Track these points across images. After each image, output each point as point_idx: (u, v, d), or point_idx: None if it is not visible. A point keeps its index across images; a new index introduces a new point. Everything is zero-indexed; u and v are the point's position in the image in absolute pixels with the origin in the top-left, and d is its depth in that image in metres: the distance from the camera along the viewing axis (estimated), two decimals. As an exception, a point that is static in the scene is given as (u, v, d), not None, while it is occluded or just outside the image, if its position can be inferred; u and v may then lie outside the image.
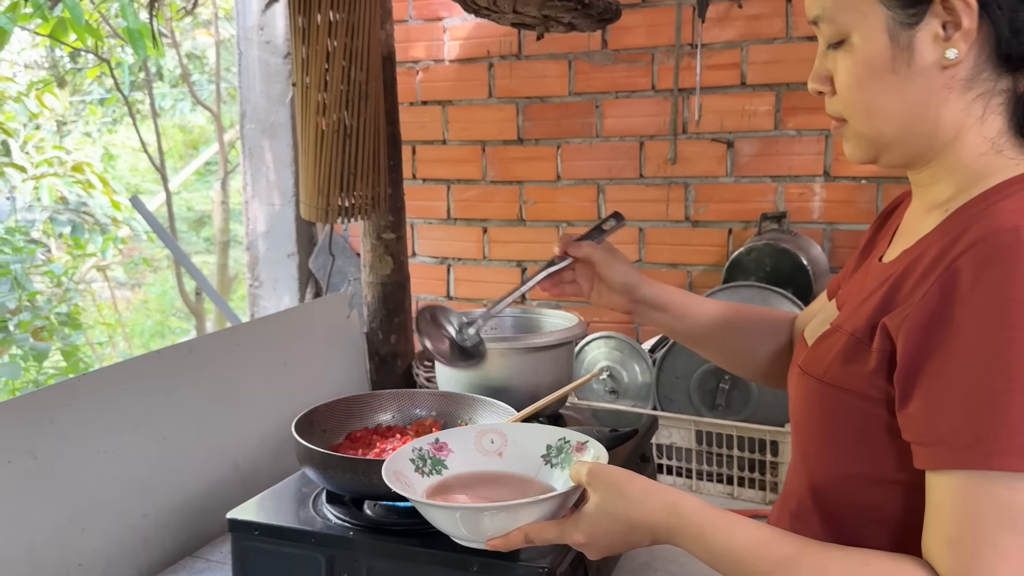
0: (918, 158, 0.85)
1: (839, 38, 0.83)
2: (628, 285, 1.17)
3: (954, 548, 0.70)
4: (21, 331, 3.40)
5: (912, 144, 0.83)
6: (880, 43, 0.80)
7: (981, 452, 0.68)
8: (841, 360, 0.82)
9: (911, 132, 0.82)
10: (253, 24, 2.84)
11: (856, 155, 0.87)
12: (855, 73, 0.83)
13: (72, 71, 6.30)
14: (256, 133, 2.88)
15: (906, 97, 0.81)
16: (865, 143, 0.86)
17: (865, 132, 0.85)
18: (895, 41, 0.80)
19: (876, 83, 0.81)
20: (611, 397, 1.96)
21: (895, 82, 0.80)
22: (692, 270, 2.42)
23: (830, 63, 0.85)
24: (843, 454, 0.83)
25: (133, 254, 6.33)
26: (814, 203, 2.28)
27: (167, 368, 1.46)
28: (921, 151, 0.84)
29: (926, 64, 0.79)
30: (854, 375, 0.80)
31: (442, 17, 2.61)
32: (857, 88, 0.83)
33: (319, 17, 1.70)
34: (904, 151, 0.84)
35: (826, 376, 0.83)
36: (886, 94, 0.81)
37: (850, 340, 0.81)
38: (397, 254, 2.10)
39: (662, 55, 2.37)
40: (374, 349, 2.09)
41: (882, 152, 0.85)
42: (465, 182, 2.66)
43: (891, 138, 0.83)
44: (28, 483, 1.21)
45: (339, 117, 1.73)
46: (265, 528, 1.19)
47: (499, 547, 0.91)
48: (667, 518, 0.84)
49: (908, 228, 0.89)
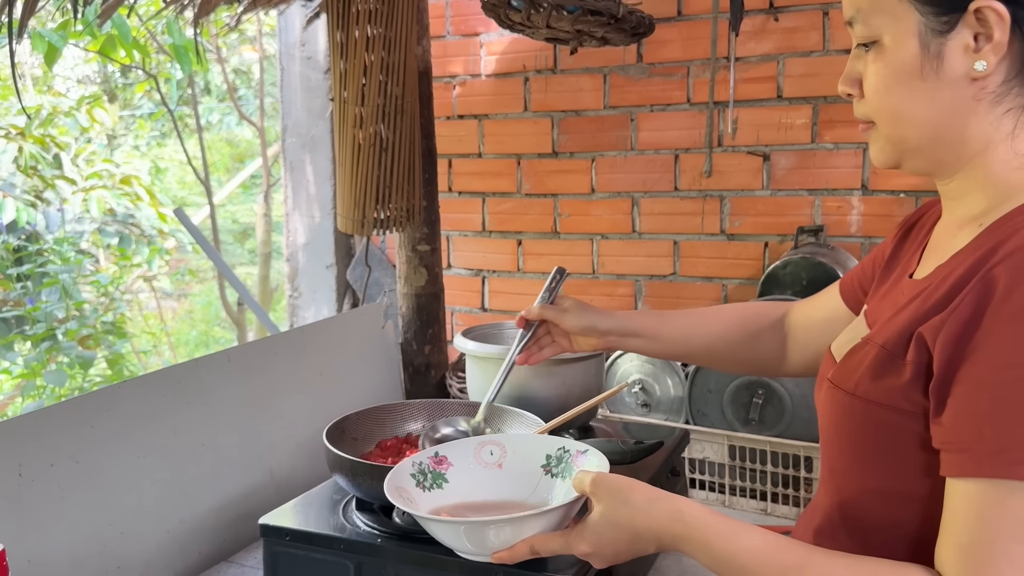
0: (943, 167, 0.85)
1: (870, 39, 0.83)
2: (588, 326, 1.23)
3: (966, 555, 0.70)
4: (68, 339, 3.49)
5: (937, 152, 0.83)
6: (910, 49, 0.80)
7: (1003, 461, 0.68)
8: (872, 373, 0.81)
9: (936, 140, 0.82)
10: (295, 40, 2.90)
11: (880, 159, 0.88)
12: (883, 77, 0.83)
13: (123, 87, 6.46)
14: (297, 147, 2.94)
15: (933, 105, 0.81)
16: (889, 147, 0.86)
17: (890, 136, 0.85)
18: (925, 48, 0.79)
19: (903, 88, 0.81)
20: (643, 410, 1.96)
21: (922, 89, 0.80)
22: (727, 283, 2.41)
23: (861, 65, 0.86)
24: (873, 468, 0.83)
25: (179, 265, 6.45)
26: (851, 216, 2.26)
27: (206, 376, 1.49)
28: (946, 160, 0.84)
29: (955, 74, 0.79)
30: (886, 388, 0.79)
31: (479, 33, 2.64)
32: (885, 92, 0.83)
33: (357, 32, 1.74)
34: (928, 158, 0.85)
35: (857, 390, 0.83)
36: (912, 100, 0.81)
37: (881, 353, 0.81)
38: (432, 266, 2.12)
39: (698, 68, 2.37)
40: (408, 359, 2.11)
41: (906, 158, 0.86)
42: (500, 195, 2.68)
43: (916, 144, 0.84)
44: (70, 487, 1.25)
45: (375, 130, 1.76)
46: (296, 534, 1.21)
47: (504, 560, 0.92)
48: (672, 525, 0.84)
49: (939, 244, 0.89)
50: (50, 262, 3.74)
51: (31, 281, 3.77)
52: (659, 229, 2.46)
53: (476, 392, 1.62)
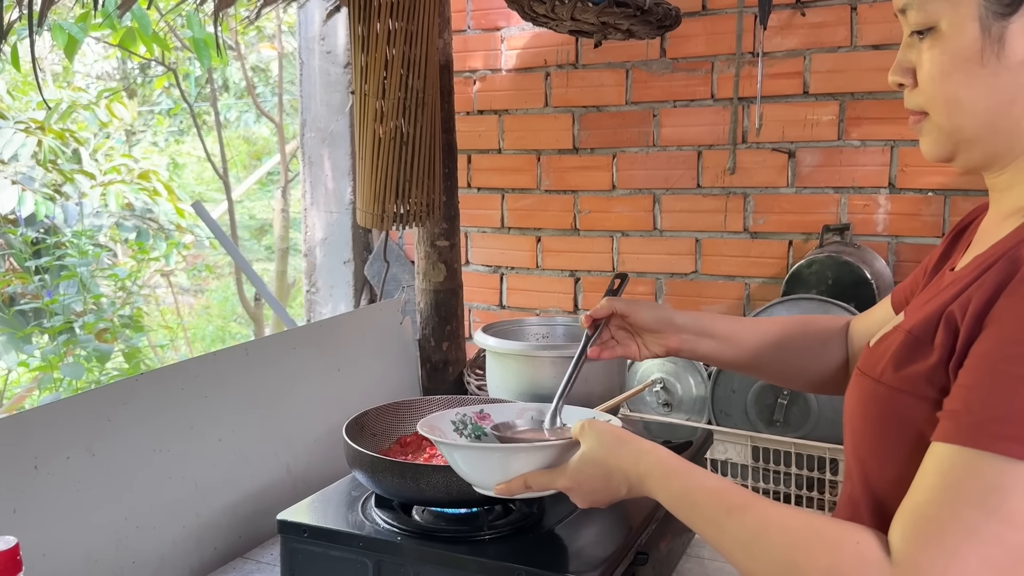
0: (998, 158, 0.82)
1: (926, 26, 0.81)
2: (662, 318, 1.16)
3: (917, 513, 0.70)
4: (85, 332, 3.50)
5: (993, 143, 0.81)
6: (970, 33, 0.77)
7: (985, 433, 0.67)
8: (897, 360, 0.80)
9: (993, 130, 0.80)
10: (315, 34, 2.88)
11: (933, 151, 0.85)
12: (940, 63, 0.80)
13: (142, 83, 6.49)
14: (316, 142, 2.92)
15: (992, 92, 0.78)
16: (944, 138, 0.83)
17: (945, 126, 0.82)
18: (986, 31, 0.77)
19: (961, 75, 0.79)
20: (664, 410, 1.93)
21: (982, 76, 0.78)
22: (750, 282, 2.37)
23: (914, 54, 0.83)
24: (896, 456, 0.80)
25: (196, 261, 6.47)
26: (878, 215, 2.22)
27: (223, 370, 1.47)
28: (1001, 151, 0.81)
29: (1017, 59, 0.76)
30: (912, 375, 0.78)
31: (500, 27, 2.62)
32: (942, 79, 0.80)
33: (378, 25, 1.71)
34: (984, 150, 0.82)
35: (883, 376, 0.81)
36: (971, 88, 0.79)
37: (908, 338, 0.79)
38: (450, 262, 2.10)
39: (722, 64, 2.33)
40: (426, 355, 2.09)
41: (961, 149, 0.83)
42: (519, 191, 2.66)
43: (972, 135, 0.81)
44: (86, 479, 1.23)
45: (396, 124, 1.74)
46: (314, 530, 1.19)
47: (503, 492, 0.98)
48: (636, 465, 0.90)
49: (983, 237, 0.87)
50: (68, 255, 3.75)
51: (49, 274, 3.78)
52: (681, 226, 2.43)
53: (496, 389, 1.60)
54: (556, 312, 2.61)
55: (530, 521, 1.23)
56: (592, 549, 1.17)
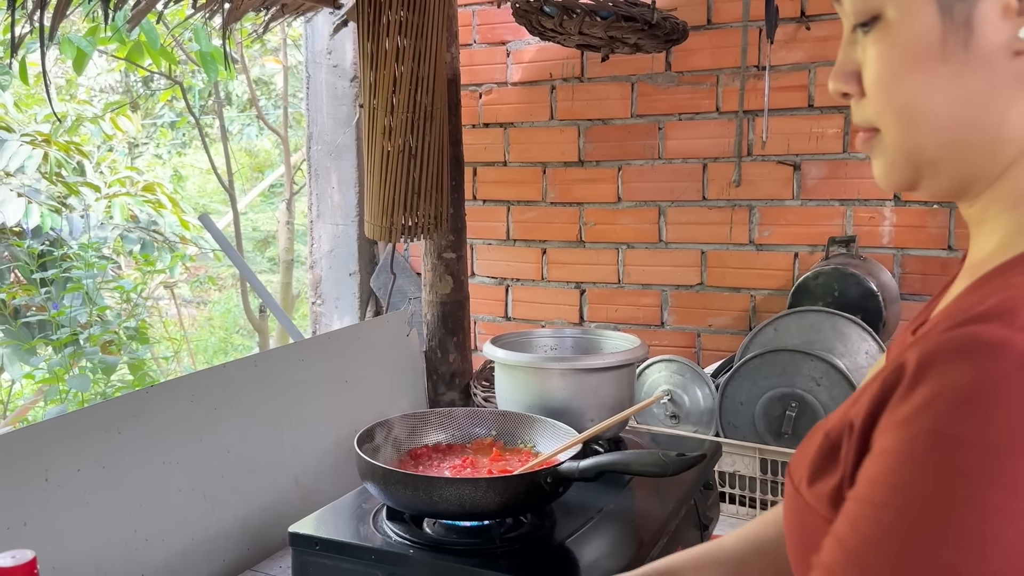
0: (971, 185, 0.62)
1: (869, 15, 0.61)
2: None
3: None
4: (91, 344, 3.50)
5: (963, 165, 0.61)
6: (926, 19, 0.58)
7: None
8: (813, 469, 0.63)
9: (964, 147, 0.60)
10: (322, 48, 2.89)
11: (890, 178, 0.64)
12: (890, 62, 0.60)
13: (145, 96, 6.51)
14: (322, 155, 2.93)
15: (959, 96, 0.58)
16: (902, 161, 0.63)
17: (901, 146, 0.62)
18: (947, 15, 0.58)
19: (919, 76, 0.59)
20: (672, 422, 1.93)
21: (945, 74, 0.58)
22: (756, 294, 2.37)
23: (858, 53, 0.63)
24: None
25: (199, 272, 6.48)
26: (884, 228, 2.22)
27: (232, 382, 1.47)
28: (975, 175, 0.61)
29: (990, 48, 0.57)
30: (821, 493, 0.61)
31: (506, 41, 2.63)
32: (893, 83, 0.61)
33: (387, 43, 1.73)
34: (953, 174, 0.62)
35: (801, 486, 0.64)
36: (931, 91, 0.59)
37: (824, 443, 0.62)
38: (457, 273, 2.11)
39: (727, 77, 2.34)
40: (433, 368, 2.09)
41: (924, 174, 0.63)
42: (525, 203, 2.66)
43: (935, 155, 0.61)
44: (96, 492, 1.23)
45: (405, 139, 1.75)
46: (326, 543, 1.19)
47: None
48: None
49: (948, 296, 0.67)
50: (74, 267, 3.76)
51: (54, 286, 3.79)
52: (686, 239, 2.44)
53: (505, 401, 1.60)
54: (563, 324, 2.61)
55: (541, 534, 1.23)
56: (603, 563, 1.17)
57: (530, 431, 1.42)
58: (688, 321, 2.45)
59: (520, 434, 1.43)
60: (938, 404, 0.49)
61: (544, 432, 1.40)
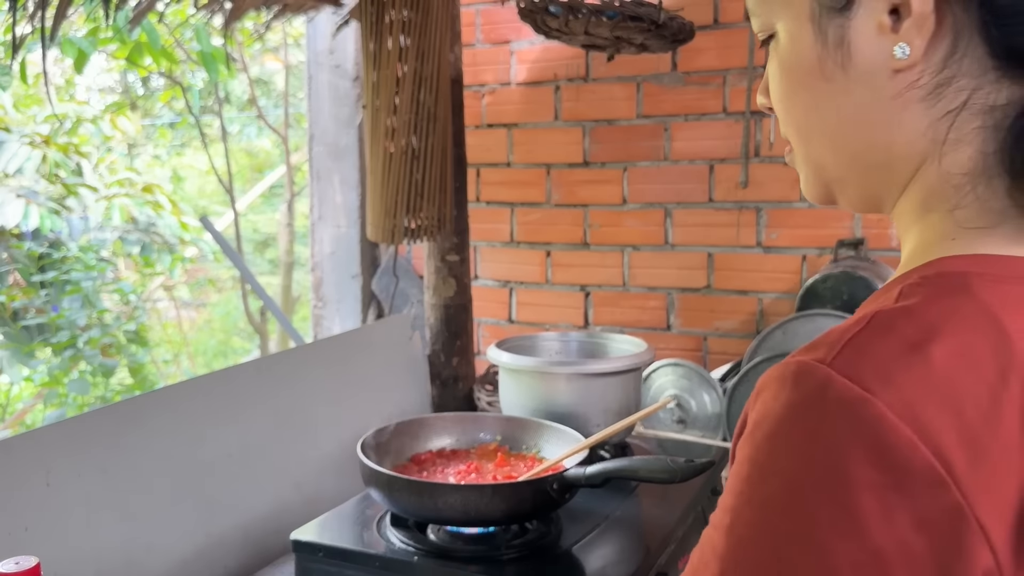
0: (881, 200, 0.61)
1: (766, 33, 0.62)
2: None
3: None
4: (90, 347, 3.48)
5: (869, 181, 0.60)
6: (806, 38, 0.58)
7: None
8: None
9: (864, 165, 0.59)
10: (323, 48, 2.88)
11: (808, 191, 0.65)
12: (780, 81, 0.62)
13: (144, 96, 6.50)
14: (324, 156, 2.91)
15: (845, 114, 0.58)
16: (812, 176, 0.64)
17: (808, 162, 0.63)
18: (822, 35, 0.57)
19: (805, 95, 0.60)
20: (678, 427, 1.90)
21: (829, 93, 0.58)
22: (763, 297, 2.35)
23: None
24: None
25: (198, 274, 6.46)
26: (893, 230, 2.20)
27: (234, 386, 1.46)
28: (879, 193, 0.61)
29: (868, 66, 0.56)
30: None
31: (509, 41, 2.61)
32: (786, 101, 0.62)
33: (390, 42, 1.71)
34: (859, 192, 0.62)
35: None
36: (820, 111, 0.59)
37: None
38: (460, 276, 2.09)
39: (734, 77, 2.32)
40: (436, 371, 2.07)
41: (835, 189, 0.63)
42: (529, 205, 2.64)
43: (840, 173, 0.61)
44: (97, 497, 1.21)
45: (407, 140, 1.73)
46: (329, 550, 1.17)
47: None
48: None
49: None
50: (73, 269, 3.74)
51: (54, 289, 3.77)
52: (693, 241, 2.42)
53: (509, 405, 1.58)
54: (568, 327, 2.59)
55: (547, 541, 1.21)
56: (610, 570, 1.15)
57: (535, 436, 1.40)
58: (695, 324, 2.43)
59: (525, 439, 1.41)
60: (756, 432, 0.49)
61: (549, 437, 1.38)
